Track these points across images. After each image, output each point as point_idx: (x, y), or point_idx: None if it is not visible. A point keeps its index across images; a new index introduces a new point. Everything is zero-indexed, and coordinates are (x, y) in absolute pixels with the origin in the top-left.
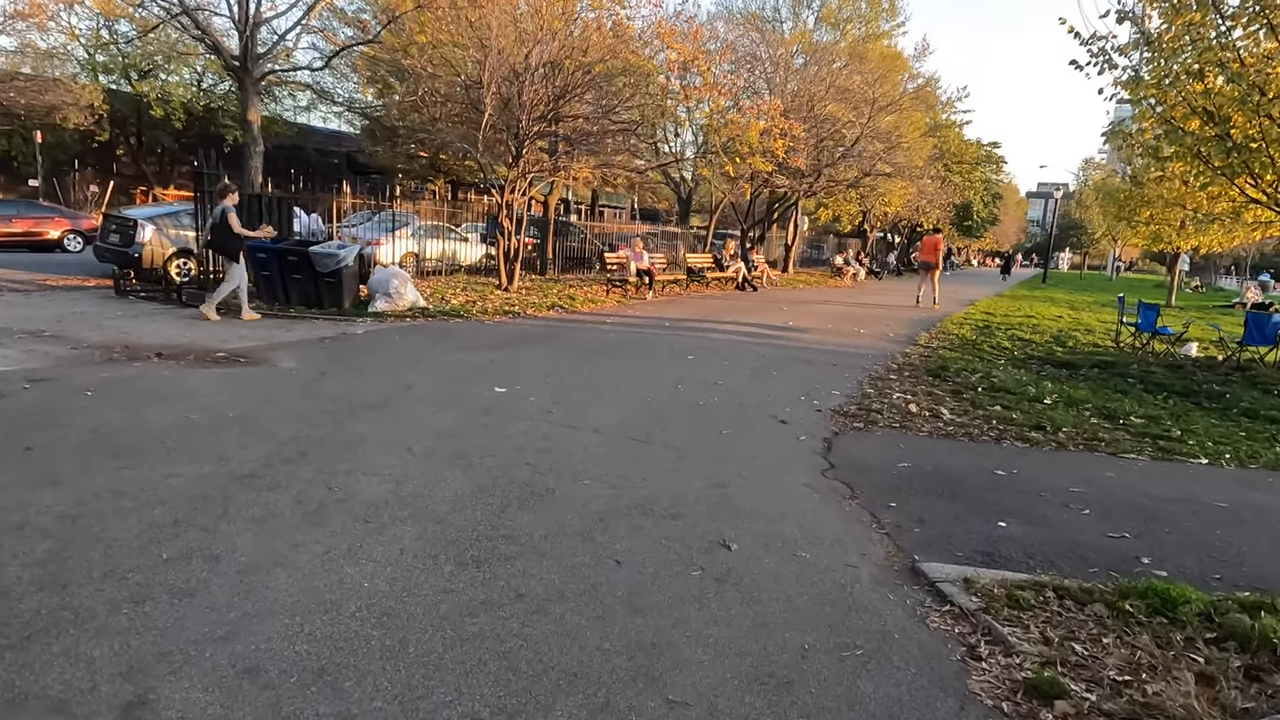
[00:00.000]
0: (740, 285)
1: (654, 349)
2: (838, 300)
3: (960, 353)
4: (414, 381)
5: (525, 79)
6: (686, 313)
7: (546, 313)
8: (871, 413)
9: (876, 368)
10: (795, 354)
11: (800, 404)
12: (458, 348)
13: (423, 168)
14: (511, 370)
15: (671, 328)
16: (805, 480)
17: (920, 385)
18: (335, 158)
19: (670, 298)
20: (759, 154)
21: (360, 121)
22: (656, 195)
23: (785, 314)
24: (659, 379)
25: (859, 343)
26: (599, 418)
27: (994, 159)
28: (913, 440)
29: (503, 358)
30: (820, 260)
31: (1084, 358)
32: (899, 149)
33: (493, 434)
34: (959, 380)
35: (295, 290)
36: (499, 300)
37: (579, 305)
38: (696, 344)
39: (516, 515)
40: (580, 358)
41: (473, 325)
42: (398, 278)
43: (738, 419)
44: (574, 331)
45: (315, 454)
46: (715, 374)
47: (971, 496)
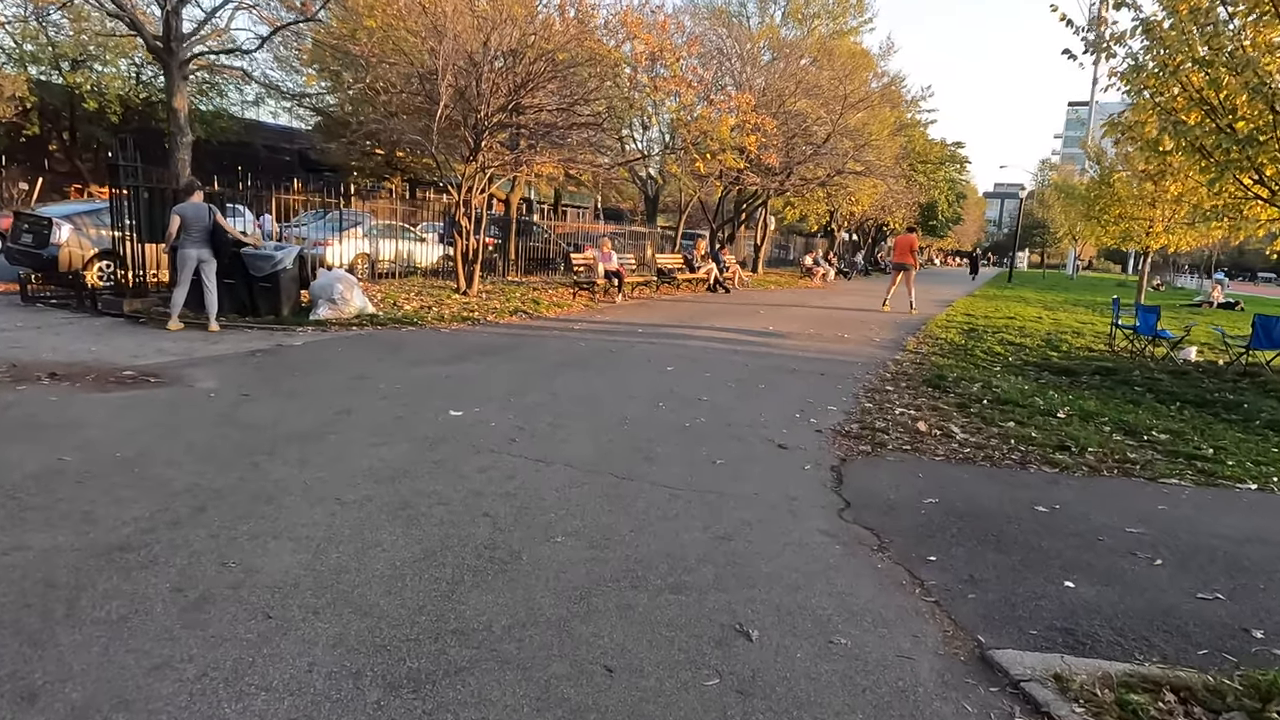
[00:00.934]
0: (712, 287)
1: (628, 359)
2: (813, 302)
3: (953, 359)
4: (354, 404)
5: (484, 67)
6: (660, 317)
7: (509, 319)
8: (876, 432)
9: (869, 377)
10: (780, 362)
11: (796, 423)
12: (409, 361)
13: (378, 165)
14: (469, 388)
15: (645, 334)
16: (822, 525)
17: (921, 398)
18: (287, 155)
19: (640, 300)
20: (730, 150)
21: (313, 118)
22: (621, 194)
23: (763, 317)
24: (637, 395)
25: (845, 349)
26: (572, 447)
27: (958, 159)
28: (930, 466)
29: (460, 373)
30: (787, 260)
31: (1081, 363)
32: (869, 147)
33: (445, 473)
34: (960, 391)
35: (227, 296)
36: (457, 305)
37: (544, 310)
38: (674, 353)
39: (471, 595)
40: (547, 371)
41: (427, 334)
42: (343, 282)
43: (731, 444)
44: (539, 340)
45: (215, 510)
46: (698, 388)
47: (1021, 544)
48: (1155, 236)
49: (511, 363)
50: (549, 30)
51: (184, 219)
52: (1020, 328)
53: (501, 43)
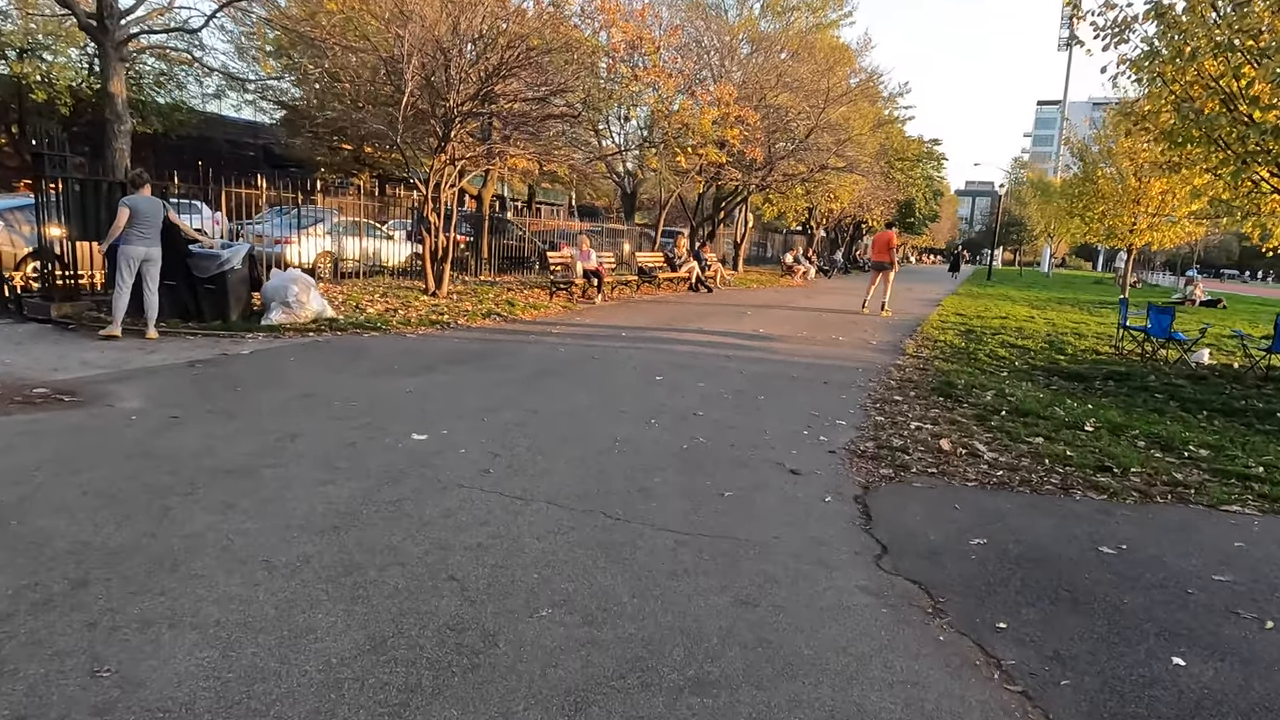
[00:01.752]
0: (694, 286)
1: (613, 367)
2: (798, 302)
3: (958, 364)
4: (301, 427)
5: (452, 53)
6: (643, 319)
7: (481, 322)
8: (896, 452)
9: (873, 385)
10: (777, 369)
11: (804, 441)
12: (369, 372)
13: (346, 161)
14: (436, 404)
15: (630, 339)
16: (861, 580)
17: (934, 409)
18: (251, 150)
19: (621, 301)
20: (712, 144)
21: (277, 111)
22: (596, 191)
23: (750, 319)
24: (626, 410)
25: (842, 353)
26: (556, 479)
27: (935, 156)
28: (964, 494)
29: (426, 386)
30: (765, 258)
31: (1091, 368)
32: (851, 143)
33: (403, 519)
34: (974, 401)
35: (168, 299)
36: (425, 308)
37: (519, 312)
38: (662, 359)
39: (430, 710)
40: (525, 383)
41: (391, 340)
42: (299, 283)
43: (737, 471)
44: (516, 346)
45: (102, 582)
46: (693, 400)
47: (1100, 601)
48: (1139, 234)
49: (485, 373)
50: (521, 15)
51: (134, 212)
52: (1017, 329)
53: (471, 26)
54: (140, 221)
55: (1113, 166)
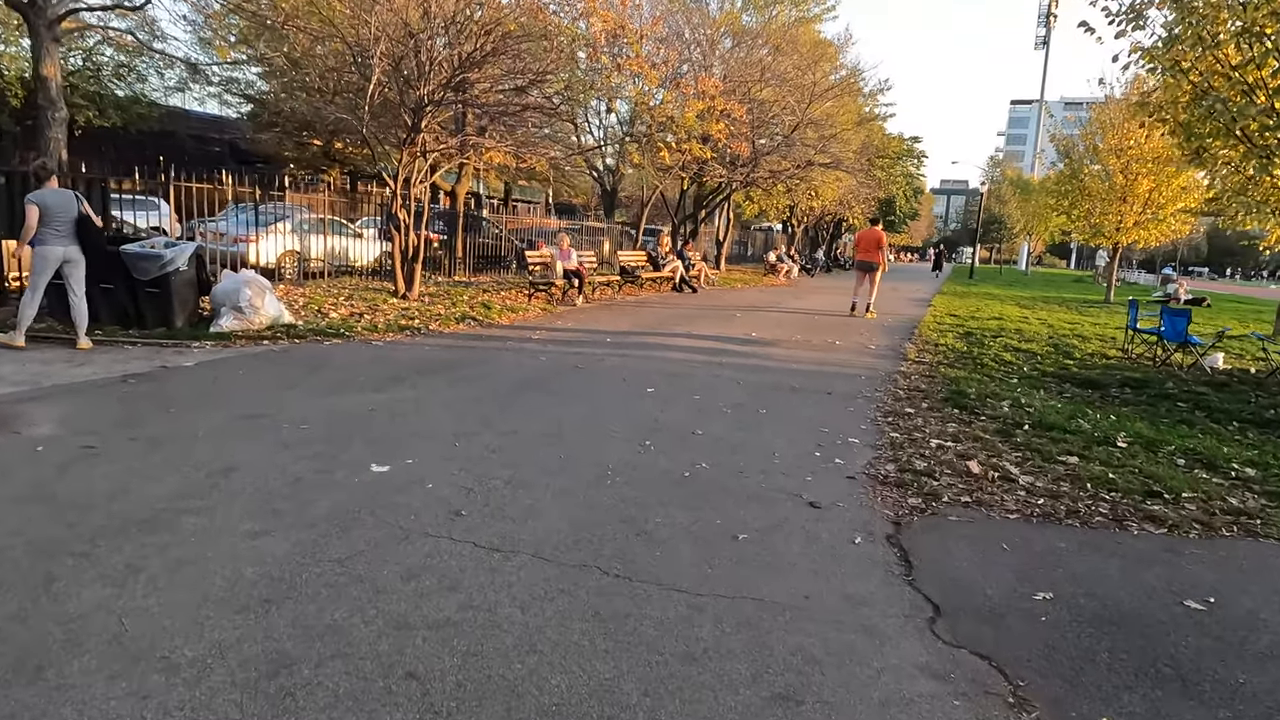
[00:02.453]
0: (678, 286)
1: (600, 378)
2: (787, 303)
3: (965, 371)
4: (241, 458)
5: (423, 38)
6: (628, 322)
7: (455, 327)
8: (921, 477)
9: (880, 395)
10: (775, 378)
11: (818, 464)
12: (328, 387)
13: (315, 156)
14: (402, 425)
15: (615, 345)
16: (919, 656)
17: (950, 423)
18: (216, 146)
19: (603, 303)
20: (696, 139)
21: (241, 104)
22: (573, 188)
23: (740, 321)
24: (617, 430)
25: (841, 359)
26: (541, 522)
27: (915, 153)
28: (1010, 530)
29: (392, 403)
30: (746, 257)
31: (1104, 373)
32: (835, 139)
33: (352, 588)
34: (992, 413)
35: (105, 304)
36: (394, 312)
37: (496, 316)
38: (652, 368)
39: None
40: (503, 397)
41: (356, 349)
42: (252, 286)
43: (749, 504)
44: (492, 354)
45: None
46: (689, 416)
47: (1211, 679)
48: (1125, 232)
49: (458, 386)
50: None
51: (44, 209)
52: (1017, 331)
53: (442, 9)
54: (53, 219)
55: (1099, 164)
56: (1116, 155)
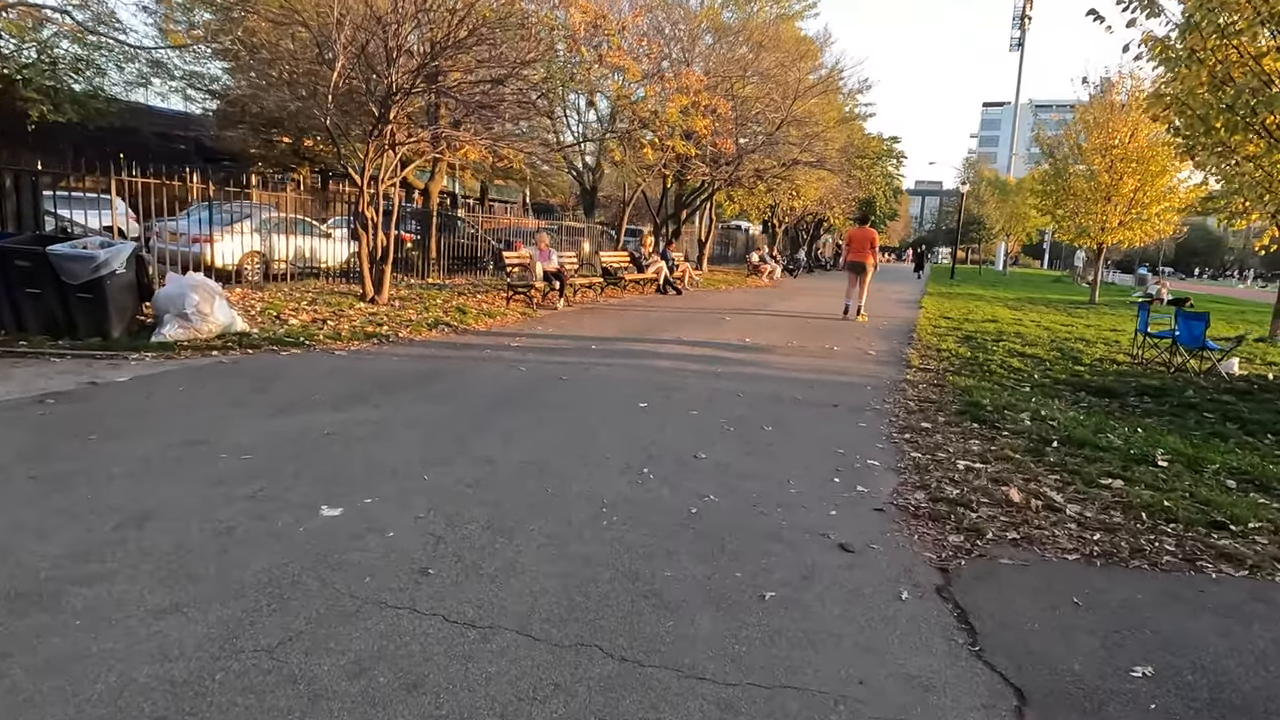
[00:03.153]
0: (661, 287)
1: (587, 391)
2: (775, 305)
3: (974, 378)
4: (162, 501)
5: (391, 23)
6: (613, 327)
7: (427, 334)
8: (956, 507)
9: (890, 407)
10: (776, 388)
11: (839, 494)
12: (280, 405)
13: (284, 154)
14: (362, 454)
15: (601, 352)
16: None
17: (972, 439)
18: (181, 143)
19: (585, 306)
20: (679, 135)
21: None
22: (551, 188)
23: (730, 325)
24: (610, 456)
25: (842, 366)
26: (526, 582)
27: (894, 153)
28: (1073, 577)
29: (352, 424)
30: (727, 257)
31: (1117, 380)
32: (819, 138)
33: (280, 691)
34: (1014, 427)
35: (32, 310)
36: (361, 317)
37: (472, 321)
38: (642, 378)
39: None
40: (479, 417)
41: (316, 360)
42: (200, 290)
43: (771, 548)
44: (467, 365)
45: None
46: (689, 436)
47: None
48: (1110, 232)
49: (428, 403)
50: None
51: None
52: (1016, 334)
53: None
54: None
55: (1083, 163)
56: (1102, 154)
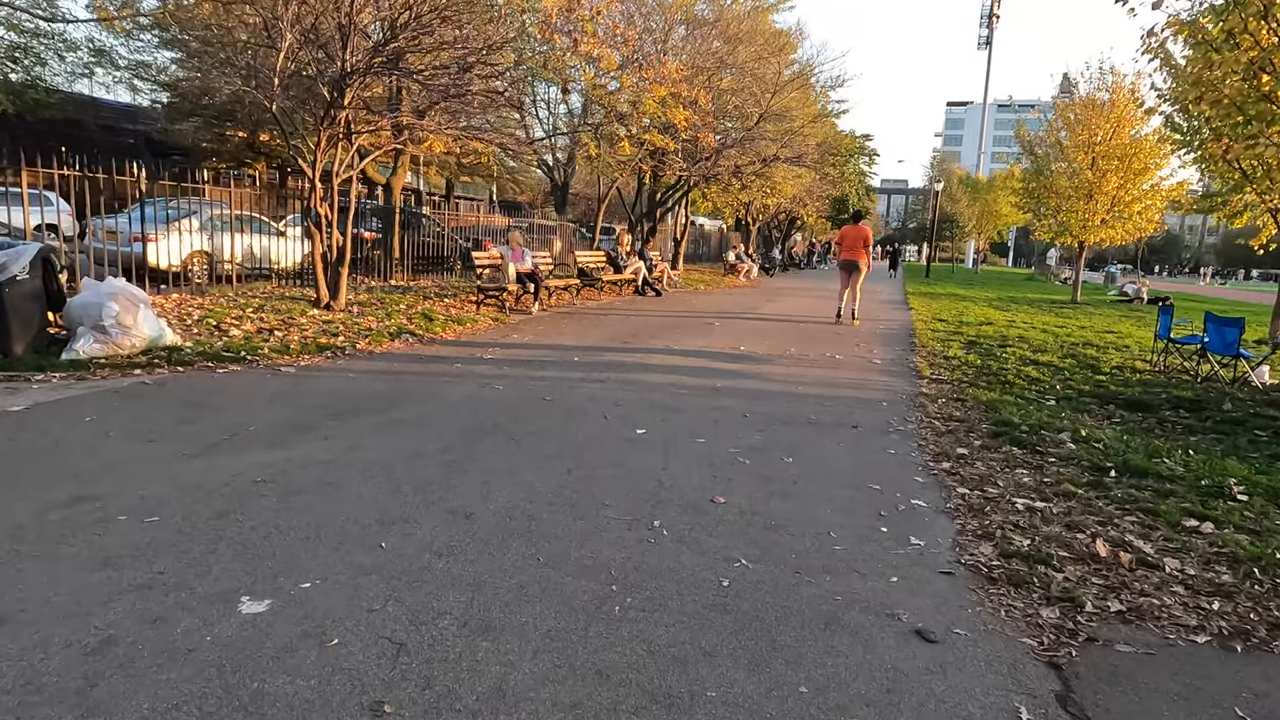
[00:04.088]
0: (640, 289)
1: (575, 415)
2: (761, 308)
3: (994, 391)
4: (15, 597)
5: None
6: (596, 334)
7: (389, 345)
8: (1035, 565)
9: (914, 427)
10: (784, 407)
11: (891, 549)
12: (205, 442)
13: (238, 148)
14: (302, 512)
15: (586, 365)
16: None
17: (1018, 468)
18: (130, 137)
19: (562, 310)
20: (657, 128)
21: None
22: (519, 185)
23: (720, 331)
24: (610, 504)
25: (849, 378)
26: (520, 715)
27: (867, 151)
28: (1221, 675)
29: (292, 467)
30: (699, 255)
31: (1144, 391)
32: (796, 134)
33: None
34: (1057, 451)
35: None
36: (314, 327)
37: (439, 329)
38: (637, 398)
39: None
40: (449, 453)
41: (258, 379)
42: (120, 299)
43: (830, 639)
44: (435, 383)
45: None
46: (700, 472)
47: None
48: (1092, 230)
49: (389, 435)
50: None
51: None
52: (1019, 337)
53: None
54: None
55: (1064, 160)
56: (1085, 151)
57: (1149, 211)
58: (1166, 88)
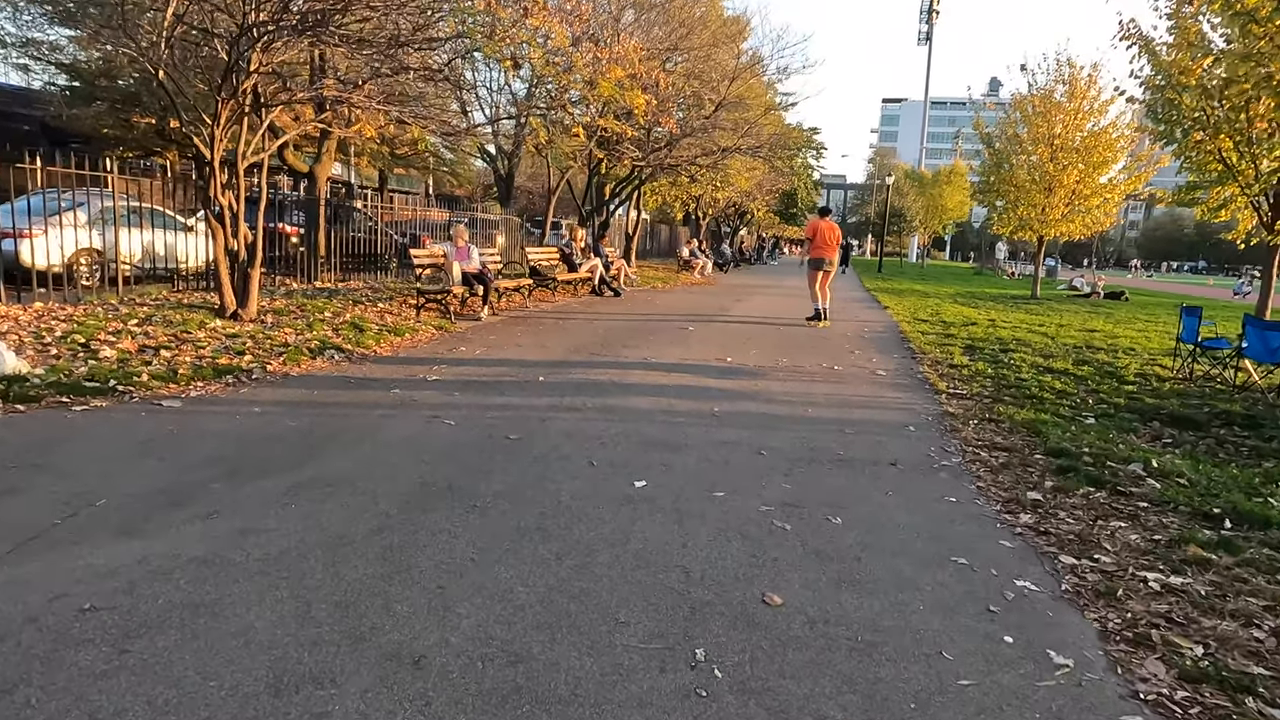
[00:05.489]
0: (597, 288)
1: (550, 464)
2: (730, 308)
3: (1026, 408)
4: None
5: None
6: (559, 345)
7: (309, 364)
8: (1234, 692)
9: (961, 461)
10: (803, 438)
11: (1030, 675)
12: (21, 529)
13: (146, 136)
14: (140, 671)
15: (553, 386)
16: None
17: (1114, 519)
18: (25, 123)
19: (515, 314)
20: (612, 114)
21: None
22: (457, 178)
23: (698, 339)
24: (623, 620)
25: (859, 395)
26: None
27: (814, 145)
28: None
29: (145, 577)
30: (649, 251)
31: (1182, 404)
32: (754, 125)
33: None
34: (1142, 491)
35: None
36: (215, 342)
37: (372, 342)
38: (624, 432)
39: None
40: (383, 534)
41: (126, 420)
42: None
43: None
44: (366, 420)
45: None
46: (732, 549)
47: None
48: (1051, 224)
49: (298, 510)
50: None
51: None
52: (1014, 339)
53: None
54: None
55: (1023, 153)
56: (1045, 144)
57: (1106, 205)
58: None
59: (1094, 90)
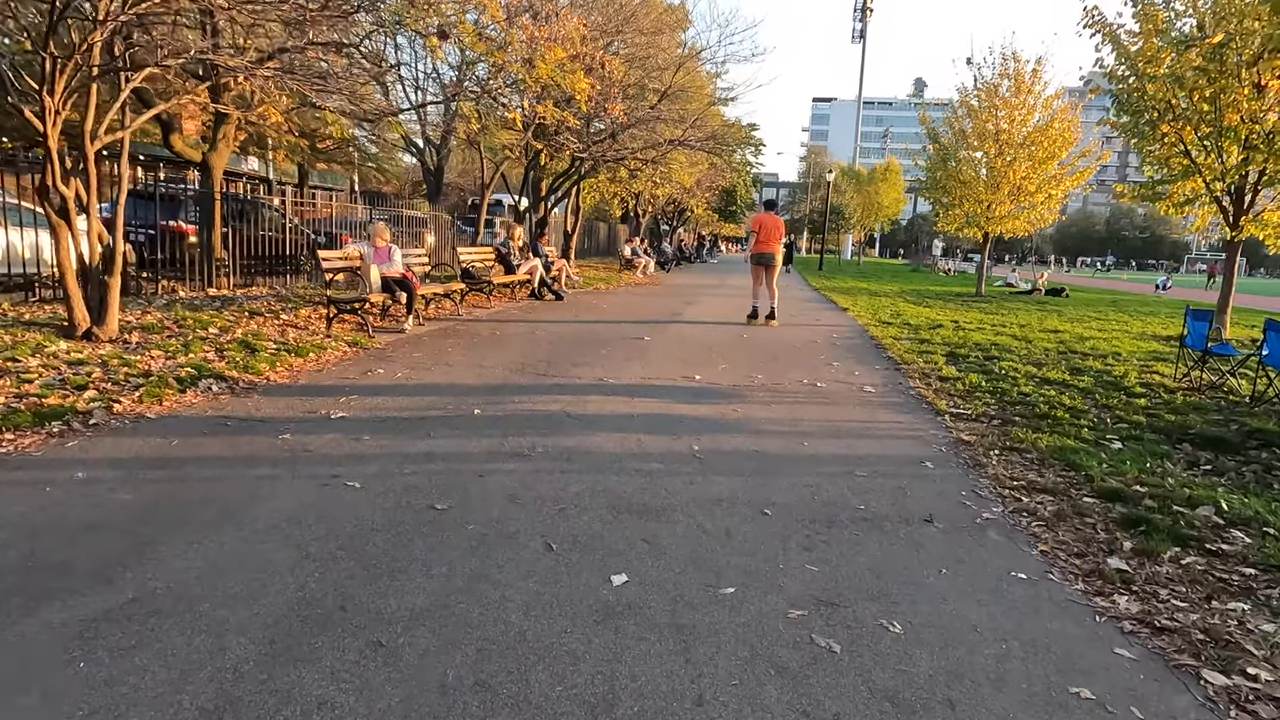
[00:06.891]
0: (537, 291)
1: (490, 551)
2: (682, 311)
3: (1046, 432)
4: None
5: None
6: (496, 364)
7: (177, 400)
8: None
9: (1006, 513)
10: (811, 488)
11: None
12: None
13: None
14: None
15: (492, 422)
16: None
17: (1225, 594)
18: None
19: (446, 323)
20: (552, 100)
21: None
22: (383, 174)
23: (656, 350)
24: None
25: (855, 421)
26: None
27: (754, 142)
28: None
29: None
30: (587, 250)
31: (1204, 420)
32: (699, 116)
33: None
34: (1236, 551)
35: None
36: (49, 372)
37: (265, 366)
38: (587, 490)
39: None
40: (253, 699)
41: None
42: None
43: None
44: (234, 487)
45: None
46: (761, 696)
47: None
48: (996, 221)
49: (85, 665)
50: None
51: None
52: (992, 344)
53: None
54: None
55: (967, 150)
56: (991, 140)
57: (1050, 201)
58: (1109, 66)
59: (1039, 85)
